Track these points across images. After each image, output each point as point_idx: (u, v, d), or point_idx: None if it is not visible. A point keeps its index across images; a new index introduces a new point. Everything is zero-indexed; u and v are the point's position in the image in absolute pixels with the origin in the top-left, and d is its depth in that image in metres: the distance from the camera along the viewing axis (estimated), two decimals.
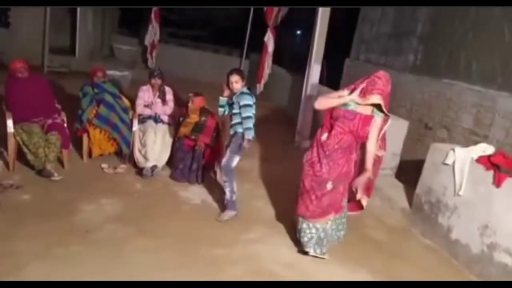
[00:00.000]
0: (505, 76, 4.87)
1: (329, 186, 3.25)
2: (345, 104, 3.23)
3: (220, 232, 3.58)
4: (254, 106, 3.74)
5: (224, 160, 3.73)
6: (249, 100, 3.69)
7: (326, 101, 3.34)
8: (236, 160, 3.72)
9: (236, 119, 3.73)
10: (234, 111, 3.73)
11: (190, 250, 3.23)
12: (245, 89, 3.73)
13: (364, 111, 3.20)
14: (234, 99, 3.74)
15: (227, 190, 3.75)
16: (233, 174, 3.75)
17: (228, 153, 3.72)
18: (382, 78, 3.15)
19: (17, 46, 8.43)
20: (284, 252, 3.42)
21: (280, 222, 3.87)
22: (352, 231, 3.64)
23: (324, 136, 3.30)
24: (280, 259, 3.29)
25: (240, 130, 3.71)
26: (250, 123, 3.68)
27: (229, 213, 3.78)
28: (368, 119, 3.20)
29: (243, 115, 3.67)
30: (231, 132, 3.80)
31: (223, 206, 3.87)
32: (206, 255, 3.20)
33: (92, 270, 2.81)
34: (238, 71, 3.79)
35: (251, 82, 5.23)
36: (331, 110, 3.32)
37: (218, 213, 3.87)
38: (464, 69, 5.47)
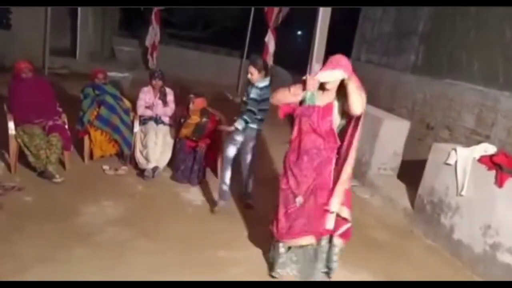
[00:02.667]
0: (507, 75, 4.86)
1: (298, 201, 2.81)
2: (303, 101, 2.79)
3: (222, 233, 3.57)
4: (258, 101, 3.69)
5: (249, 156, 3.87)
6: (254, 93, 3.67)
7: (282, 95, 2.85)
8: (229, 148, 3.78)
9: (242, 108, 3.77)
10: (244, 99, 3.77)
11: (192, 252, 3.22)
12: (260, 83, 3.69)
13: (324, 101, 2.76)
14: (248, 89, 3.76)
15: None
16: (227, 164, 3.81)
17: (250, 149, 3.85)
18: (340, 57, 2.73)
19: (18, 48, 8.44)
20: None
21: None
22: (353, 231, 3.62)
23: (289, 143, 2.89)
24: None
25: (252, 125, 3.75)
26: (247, 115, 3.68)
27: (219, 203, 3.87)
28: (328, 108, 2.72)
29: (247, 107, 3.69)
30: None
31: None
32: (208, 257, 3.20)
33: (94, 272, 2.80)
34: (254, 63, 3.70)
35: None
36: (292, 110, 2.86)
37: (221, 214, 3.87)
38: (465, 69, 5.46)
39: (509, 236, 3.25)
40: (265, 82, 3.71)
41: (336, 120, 2.78)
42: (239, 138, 3.79)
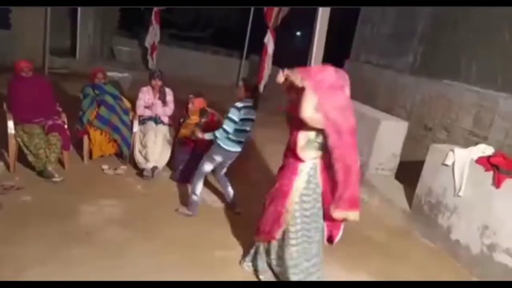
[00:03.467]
0: (505, 77, 4.88)
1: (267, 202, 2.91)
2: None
3: (221, 233, 3.58)
4: (234, 121, 3.59)
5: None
6: (232, 113, 3.60)
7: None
8: (206, 164, 3.78)
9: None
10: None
11: (191, 252, 3.23)
12: (240, 103, 3.62)
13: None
14: (230, 107, 3.72)
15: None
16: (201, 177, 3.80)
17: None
18: (321, 69, 2.67)
19: (19, 48, 8.46)
20: None
21: None
22: (351, 232, 3.63)
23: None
24: None
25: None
26: (219, 131, 3.61)
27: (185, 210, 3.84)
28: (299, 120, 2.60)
29: (222, 124, 3.66)
30: None
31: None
32: (207, 257, 3.21)
33: (93, 272, 2.81)
34: (245, 80, 3.87)
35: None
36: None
37: (220, 214, 3.88)
38: (464, 70, 5.48)
39: (506, 236, 3.27)
40: (245, 103, 3.64)
41: (307, 135, 2.67)
42: (218, 159, 3.77)
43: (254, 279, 3.02)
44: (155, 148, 4.53)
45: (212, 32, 13.90)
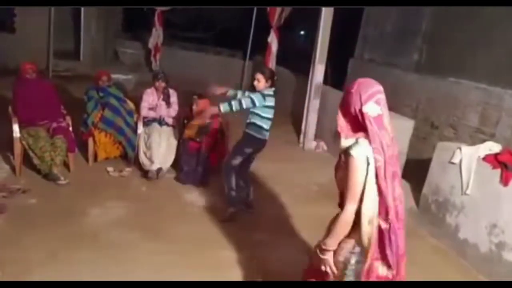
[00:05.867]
0: (511, 73, 4.83)
1: None
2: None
3: (226, 234, 3.57)
4: (259, 107, 3.59)
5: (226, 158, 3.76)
6: (256, 95, 3.56)
7: None
8: (236, 158, 3.73)
9: (249, 119, 3.70)
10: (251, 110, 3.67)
11: (195, 252, 3.23)
12: (265, 91, 3.60)
13: None
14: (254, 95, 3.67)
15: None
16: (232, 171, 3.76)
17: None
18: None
19: (23, 51, 8.49)
20: (289, 252, 3.41)
21: (286, 223, 3.86)
22: None
23: None
24: (285, 260, 3.28)
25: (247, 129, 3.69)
26: (234, 102, 3.49)
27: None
28: None
29: (240, 97, 3.63)
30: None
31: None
32: (211, 257, 3.20)
33: (99, 273, 2.81)
34: (261, 70, 3.69)
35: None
36: None
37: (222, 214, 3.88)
38: (469, 67, 5.43)
39: None
40: (269, 91, 3.63)
41: None
42: (248, 150, 3.73)
43: (255, 279, 2.99)
44: (159, 149, 4.52)
45: (215, 33, 13.90)
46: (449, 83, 5.62)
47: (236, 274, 3.03)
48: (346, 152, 1.82)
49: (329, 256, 1.93)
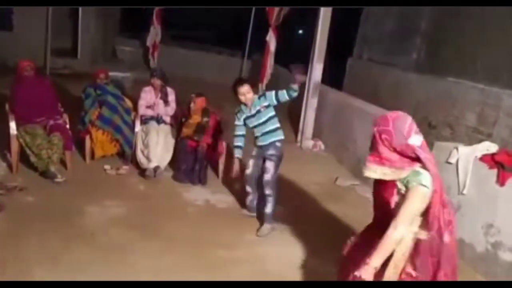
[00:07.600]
0: (510, 74, 4.84)
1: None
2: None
3: (224, 233, 3.57)
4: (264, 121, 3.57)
5: (268, 175, 3.53)
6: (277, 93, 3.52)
7: None
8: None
9: (264, 129, 3.56)
10: (259, 121, 3.56)
11: (194, 252, 3.22)
12: (253, 108, 3.57)
13: None
14: (253, 109, 3.58)
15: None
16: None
17: (271, 168, 3.53)
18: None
19: (21, 48, 8.46)
20: (289, 251, 3.41)
21: (284, 222, 3.85)
22: (356, 231, 3.62)
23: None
24: (285, 259, 3.28)
25: (275, 138, 3.55)
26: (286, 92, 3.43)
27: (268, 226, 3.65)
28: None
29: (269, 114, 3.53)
30: (260, 143, 3.60)
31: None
32: (210, 256, 3.20)
33: (97, 273, 2.80)
34: (241, 84, 3.59)
35: (253, 83, 5.21)
36: None
37: (223, 214, 3.88)
38: (468, 67, 5.44)
39: (511, 235, 3.23)
40: (258, 102, 3.56)
41: None
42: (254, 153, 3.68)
43: (254, 278, 2.99)
44: (157, 148, 4.52)
45: (213, 32, 13.89)
46: (448, 83, 5.63)
47: (235, 274, 3.02)
48: (407, 182, 1.89)
49: (370, 274, 1.89)
